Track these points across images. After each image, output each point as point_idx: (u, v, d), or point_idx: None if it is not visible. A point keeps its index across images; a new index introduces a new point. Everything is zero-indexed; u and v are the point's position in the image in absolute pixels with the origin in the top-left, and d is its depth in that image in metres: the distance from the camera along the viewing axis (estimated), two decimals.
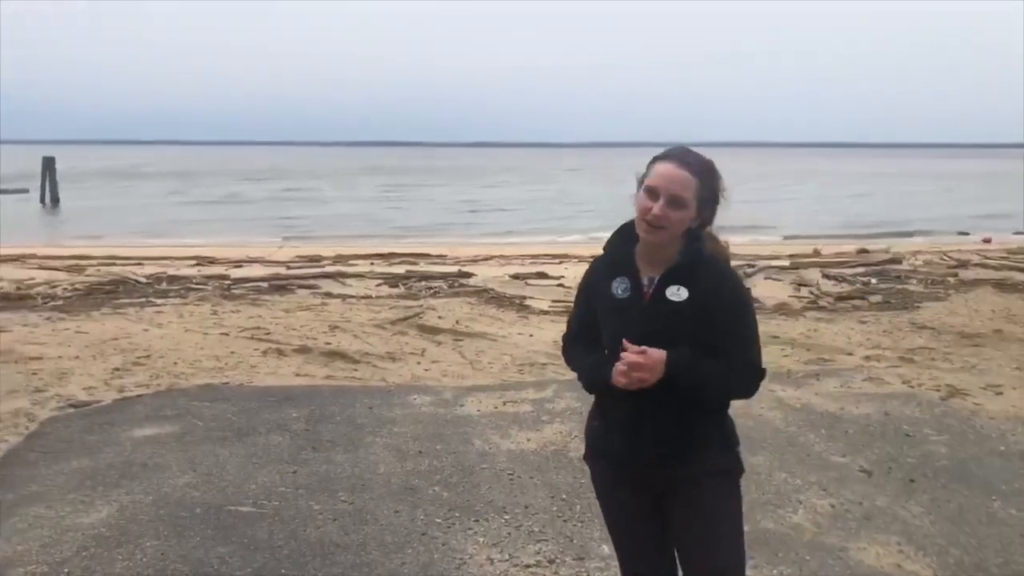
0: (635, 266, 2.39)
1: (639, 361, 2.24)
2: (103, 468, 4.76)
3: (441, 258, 17.24)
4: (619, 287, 2.39)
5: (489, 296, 11.91)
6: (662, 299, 2.32)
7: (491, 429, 5.75)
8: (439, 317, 10.13)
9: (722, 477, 2.41)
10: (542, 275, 14.20)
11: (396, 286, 12.91)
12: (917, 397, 6.72)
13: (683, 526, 2.44)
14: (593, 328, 2.49)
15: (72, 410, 6.09)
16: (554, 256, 17.89)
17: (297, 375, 7.47)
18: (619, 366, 2.28)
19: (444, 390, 6.79)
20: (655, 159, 2.35)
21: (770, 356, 4.00)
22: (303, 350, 8.42)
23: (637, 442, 2.39)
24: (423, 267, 15.48)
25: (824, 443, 5.57)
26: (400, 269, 14.90)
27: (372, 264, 16.07)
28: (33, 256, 18.00)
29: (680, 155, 2.31)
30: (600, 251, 2.51)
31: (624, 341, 2.29)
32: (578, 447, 5.36)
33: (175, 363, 7.85)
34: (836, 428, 5.90)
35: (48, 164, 42.84)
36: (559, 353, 2.79)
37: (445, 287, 12.83)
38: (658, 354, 2.25)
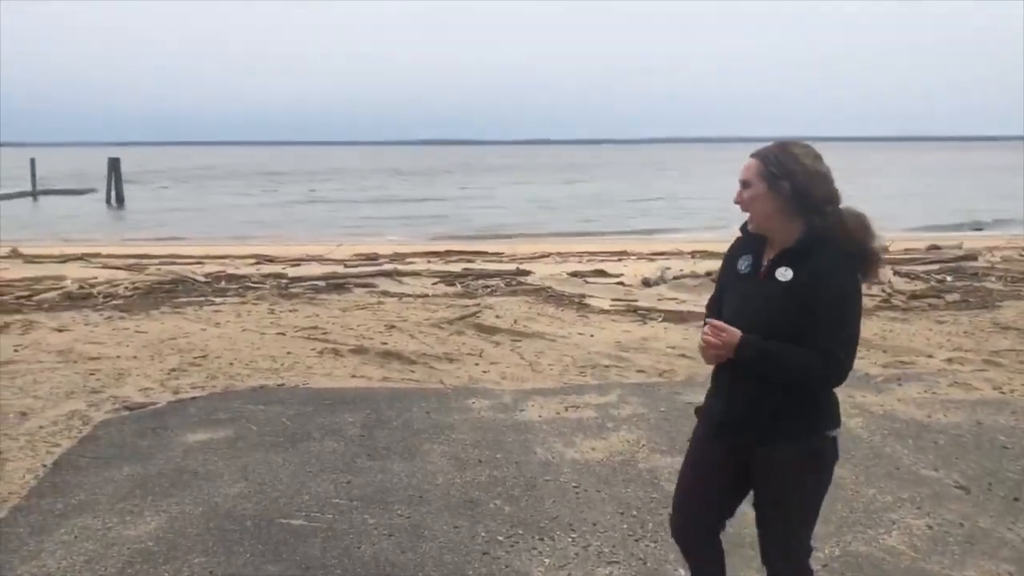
0: (763, 247, 2.60)
1: (711, 339, 2.49)
2: (153, 476, 4.60)
3: (498, 255, 17.00)
4: (743, 263, 2.63)
5: (547, 295, 11.63)
6: (772, 279, 2.50)
7: (553, 436, 5.46)
8: (496, 316, 9.88)
9: (804, 456, 2.54)
10: (601, 273, 13.86)
11: (453, 284, 12.70)
12: (1011, 404, 6.24)
13: (759, 493, 2.65)
14: (722, 300, 2.72)
15: (127, 412, 5.97)
16: (612, 253, 17.52)
17: (353, 376, 7.28)
18: (699, 340, 2.57)
19: (503, 393, 6.53)
20: None
21: None
22: (359, 350, 8.24)
23: (727, 406, 2.62)
24: (480, 265, 15.25)
25: (913, 455, 5.16)
26: (457, 267, 14.70)
27: (429, 262, 15.91)
28: (97, 255, 18.27)
29: (759, 148, 2.57)
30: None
31: (708, 319, 2.59)
32: (647, 458, 5.06)
33: (231, 364, 7.74)
34: (924, 438, 5.48)
35: (113, 165, 43.83)
36: (621, 354, 2.81)
37: (502, 285, 12.58)
38: (731, 336, 2.46)
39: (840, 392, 2.54)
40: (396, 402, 6.20)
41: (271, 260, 16.88)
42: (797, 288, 2.43)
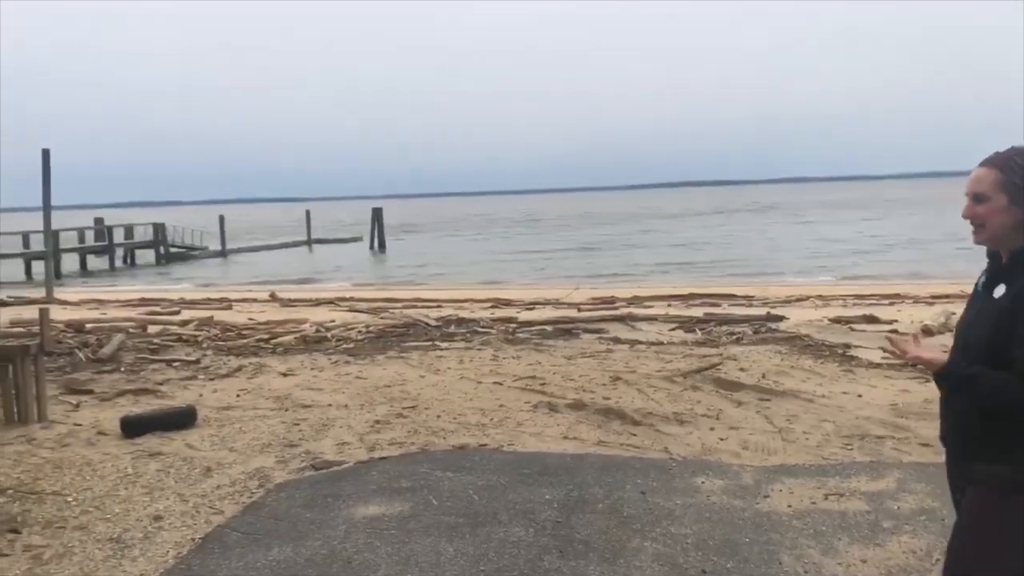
0: (999, 262, 2.41)
1: (894, 350, 2.46)
2: (301, 563, 3.85)
3: (748, 299, 15.42)
4: (980, 281, 2.46)
5: (804, 344, 10.03)
6: (990, 296, 2.35)
7: (807, 538, 4.12)
8: (741, 369, 8.51)
9: (994, 488, 2.28)
10: (871, 319, 11.94)
11: (692, 331, 11.42)
12: None
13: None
14: None
15: (310, 473, 5.38)
16: (884, 296, 15.32)
17: (565, 437, 6.30)
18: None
19: (743, 470, 5.24)
20: None
21: None
22: (577, 405, 7.27)
23: (942, 436, 2.50)
24: (725, 309, 13.81)
25: None
26: (699, 311, 13.37)
27: (669, 305, 14.70)
28: (350, 299, 18.90)
29: (990, 156, 2.36)
30: None
31: (909, 336, 2.51)
32: None
33: (438, 416, 7.06)
34: None
35: (377, 215, 46.72)
36: (899, 421, 1.64)
37: (750, 332, 11.11)
38: (931, 362, 2.34)
39: None
40: (607, 474, 5.12)
41: (507, 304, 16.48)
42: (1007, 307, 2.27)
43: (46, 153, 20.58)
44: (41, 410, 7.26)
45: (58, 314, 15.91)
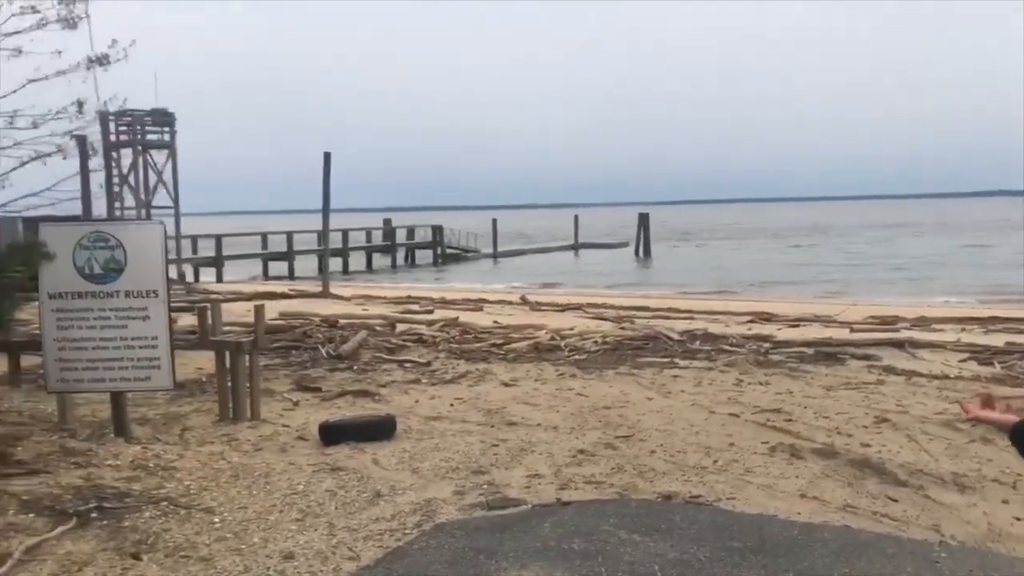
0: None
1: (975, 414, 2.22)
2: None
3: None
4: None
5: None
6: None
7: None
8: None
9: None
10: None
11: (989, 363, 9.38)
12: None
13: None
14: None
15: (480, 514, 4.65)
16: None
17: (802, 495, 5.06)
18: None
19: None
20: None
21: None
22: (826, 452, 5.95)
23: None
24: None
25: None
26: (999, 339, 11.09)
27: (963, 330, 12.42)
28: (599, 305, 18.22)
29: None
30: None
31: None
32: None
33: (652, 451, 6.08)
34: None
35: (643, 220, 45.83)
36: None
37: None
38: (997, 419, 2.19)
39: None
40: (845, 561, 3.88)
41: (768, 319, 14.92)
42: None
43: (327, 156, 21.93)
44: (254, 408, 7.19)
45: (326, 308, 16.73)
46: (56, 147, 5.97)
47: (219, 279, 32.03)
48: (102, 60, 6.39)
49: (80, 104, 6.05)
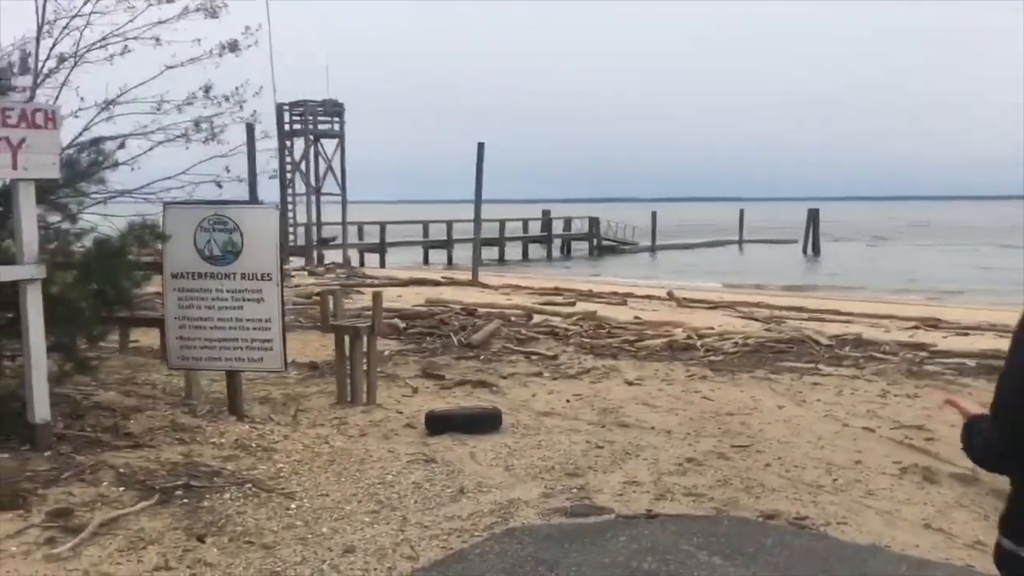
0: None
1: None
2: None
3: None
4: None
5: None
6: None
7: None
8: None
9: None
10: None
11: None
12: None
13: None
14: None
15: (559, 520, 4.42)
16: None
17: (927, 526, 4.53)
18: None
19: None
20: None
21: None
22: (966, 478, 5.33)
23: None
24: None
25: None
26: None
27: None
28: (753, 303, 17.46)
29: None
30: None
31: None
32: None
33: (767, 464, 5.65)
34: None
35: (812, 217, 43.67)
36: None
37: None
38: (964, 407, 2.10)
39: None
40: None
41: (935, 325, 13.78)
42: None
43: (480, 147, 22.17)
44: (370, 392, 7.27)
45: (471, 297, 16.91)
46: (183, 131, 6.19)
47: (382, 264, 33.20)
48: (233, 47, 6.58)
49: (207, 89, 6.25)
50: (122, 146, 5.81)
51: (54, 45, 6.13)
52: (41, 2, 6.17)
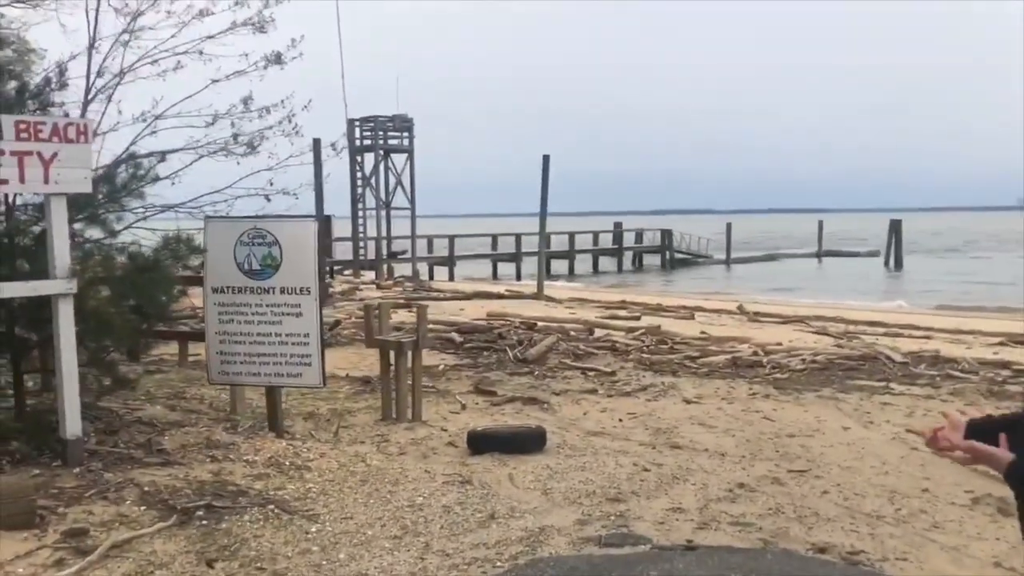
0: None
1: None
2: None
3: None
4: None
5: None
6: None
7: None
8: None
9: None
10: None
11: None
12: None
13: None
14: None
15: (589, 551, 4.17)
16: None
17: (996, 564, 4.14)
18: None
19: None
20: None
21: None
22: None
23: None
24: None
25: None
26: None
27: None
28: (827, 318, 16.82)
29: None
30: None
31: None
32: None
33: (825, 492, 5.29)
34: None
35: (895, 227, 42.17)
36: None
37: None
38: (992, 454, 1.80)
39: None
40: None
41: (1022, 342, 12.98)
42: None
43: (546, 159, 22.01)
44: (415, 408, 7.13)
45: (534, 311, 16.70)
46: (223, 144, 6.16)
47: (451, 277, 33.29)
48: (278, 59, 6.55)
49: (246, 102, 6.22)
50: (163, 159, 5.79)
51: (104, 60, 6.20)
52: (92, 18, 6.26)
